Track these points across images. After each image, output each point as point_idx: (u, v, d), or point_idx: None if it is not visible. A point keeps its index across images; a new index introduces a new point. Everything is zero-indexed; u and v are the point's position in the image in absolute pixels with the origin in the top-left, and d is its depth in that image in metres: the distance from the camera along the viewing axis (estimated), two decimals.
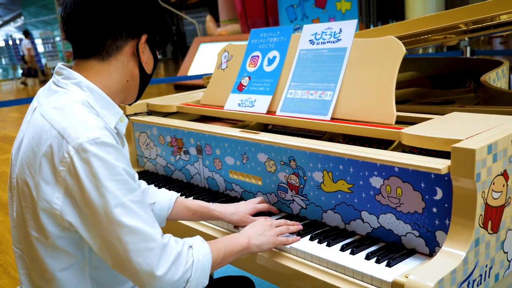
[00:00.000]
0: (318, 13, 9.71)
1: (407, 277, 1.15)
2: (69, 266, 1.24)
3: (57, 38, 19.27)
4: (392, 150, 1.51)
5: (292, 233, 1.48)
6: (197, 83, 9.39)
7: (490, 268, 1.27)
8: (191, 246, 1.22)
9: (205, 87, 2.82)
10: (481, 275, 1.24)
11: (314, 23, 9.82)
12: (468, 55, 4.84)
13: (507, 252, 1.32)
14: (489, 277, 1.27)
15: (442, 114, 1.58)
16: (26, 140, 1.21)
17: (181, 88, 10.23)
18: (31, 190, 1.18)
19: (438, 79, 2.73)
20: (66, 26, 1.26)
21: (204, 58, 10.85)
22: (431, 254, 1.30)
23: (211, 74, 2.75)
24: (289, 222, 1.51)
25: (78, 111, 1.18)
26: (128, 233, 1.12)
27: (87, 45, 1.25)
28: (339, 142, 1.73)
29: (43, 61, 18.70)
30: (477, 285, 1.23)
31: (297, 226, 1.50)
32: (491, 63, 2.66)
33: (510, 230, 1.31)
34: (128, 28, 1.25)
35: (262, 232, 1.41)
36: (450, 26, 1.58)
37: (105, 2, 1.21)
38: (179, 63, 18.63)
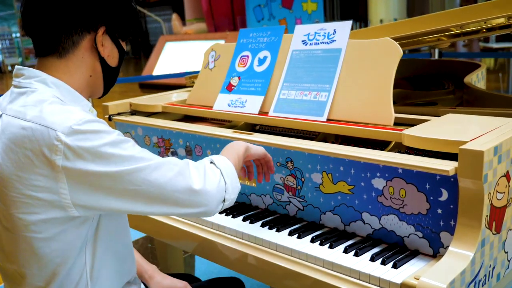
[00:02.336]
0: (284, 14, 9.76)
1: (417, 279, 1.16)
2: (70, 257, 1.20)
3: (16, 35, 18.73)
4: (389, 151, 1.51)
5: None
6: (164, 83, 9.29)
7: (493, 268, 1.29)
8: (211, 161, 1.30)
9: (187, 86, 2.79)
10: (485, 275, 1.25)
11: (281, 24, 9.89)
12: (436, 57, 4.92)
13: (507, 252, 1.34)
14: (492, 277, 1.29)
15: (435, 115, 1.59)
16: (1, 149, 1.14)
17: (146, 87, 10.10)
18: (29, 192, 1.11)
19: (415, 80, 2.76)
20: (24, 22, 1.23)
21: (170, 57, 10.73)
22: (435, 255, 1.31)
23: (194, 73, 2.74)
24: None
25: (52, 104, 1.15)
26: (152, 171, 1.15)
27: (44, 42, 1.23)
28: (332, 143, 1.72)
29: (0, 57, 18.16)
30: (482, 285, 1.25)
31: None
32: (468, 65, 2.72)
33: (511, 230, 1.33)
34: (82, 22, 1.22)
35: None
36: (445, 28, 1.59)
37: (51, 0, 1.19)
38: (141, 62, 18.38)
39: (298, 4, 9.91)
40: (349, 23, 1.71)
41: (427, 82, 2.73)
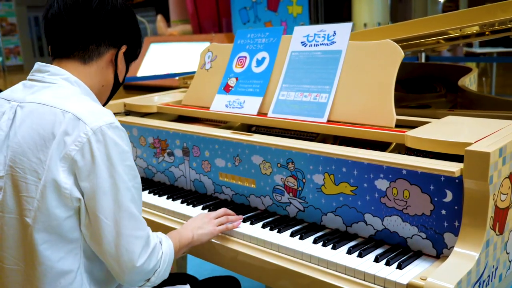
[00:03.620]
0: (270, 16, 9.77)
1: (423, 280, 1.16)
2: (66, 254, 1.22)
3: None
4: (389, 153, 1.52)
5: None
6: (148, 84, 9.23)
7: (496, 269, 1.30)
8: (160, 240, 1.31)
9: (177, 87, 2.78)
10: (489, 276, 1.26)
11: (267, 26, 9.91)
12: (423, 60, 4.98)
13: (509, 253, 1.36)
14: (495, 277, 1.30)
15: (433, 118, 1.61)
16: (25, 132, 1.20)
17: (130, 88, 10.01)
18: (39, 175, 1.16)
19: (407, 83, 2.78)
20: (49, 26, 1.31)
21: (154, 59, 10.66)
22: (438, 256, 1.32)
23: (187, 74, 2.73)
24: (229, 211, 1.61)
25: (84, 100, 1.25)
26: (127, 217, 1.19)
27: (70, 46, 1.31)
28: (331, 144, 1.73)
29: None
30: (486, 286, 1.26)
31: (236, 216, 1.60)
32: (459, 69, 2.74)
33: None
34: (112, 37, 1.34)
35: (202, 225, 1.52)
36: (444, 31, 1.61)
37: (94, 11, 1.29)
38: None
39: (284, 7, 9.94)
40: (349, 25, 1.71)
41: (418, 86, 2.75)
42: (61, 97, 1.23)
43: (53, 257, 1.20)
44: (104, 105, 1.44)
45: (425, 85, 2.74)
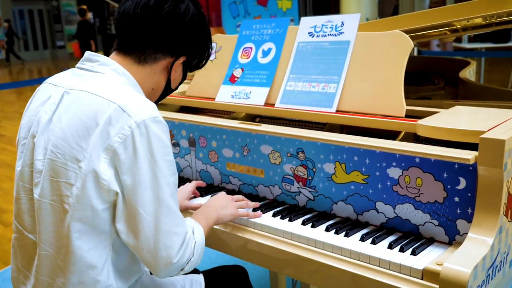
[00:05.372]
0: (260, 11, 9.80)
1: (439, 265, 1.18)
2: (95, 245, 1.22)
3: None
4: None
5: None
6: None
7: (507, 255, 1.32)
8: (192, 230, 1.30)
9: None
10: (501, 261, 1.29)
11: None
12: (415, 54, 5.02)
13: None
14: (506, 263, 1.33)
15: (439, 108, 1.62)
16: (69, 118, 1.19)
17: None
18: (79, 162, 1.16)
19: (404, 76, 2.80)
20: (119, 21, 1.31)
21: None
22: (450, 243, 1.34)
23: None
24: (246, 199, 1.63)
25: (130, 91, 1.23)
26: (167, 213, 1.18)
27: (129, 44, 1.31)
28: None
29: None
30: (498, 271, 1.28)
31: (255, 203, 1.62)
32: (457, 62, 2.78)
33: None
34: (171, 47, 1.32)
35: (226, 205, 1.53)
36: (453, 21, 1.63)
37: (160, 17, 1.27)
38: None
39: (273, 2, 9.96)
40: (357, 16, 1.73)
41: (416, 78, 2.78)
42: (108, 87, 1.22)
43: (83, 246, 1.20)
44: None
45: (423, 78, 2.76)
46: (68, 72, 1.33)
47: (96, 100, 1.18)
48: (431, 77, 2.74)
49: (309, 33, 1.83)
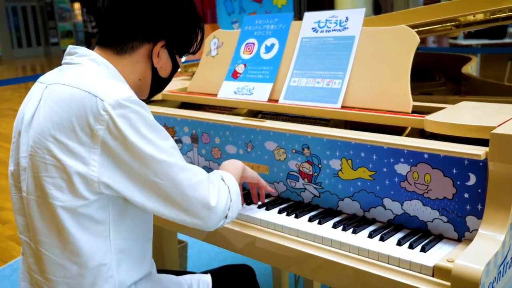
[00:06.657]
0: (255, 7, 9.74)
1: (450, 262, 1.17)
2: (95, 235, 1.21)
3: None
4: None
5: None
6: None
7: None
8: (222, 177, 1.33)
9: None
10: (511, 258, 1.28)
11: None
12: None
13: None
14: None
15: (445, 104, 1.61)
16: (45, 111, 1.20)
17: None
18: (60, 156, 1.15)
19: None
20: (95, 16, 1.33)
21: None
22: (460, 239, 1.33)
23: (191, 62, 2.69)
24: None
25: (102, 78, 1.22)
26: (179, 171, 1.19)
27: (105, 37, 1.31)
28: None
29: None
30: (509, 268, 1.27)
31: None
32: (458, 59, 2.77)
33: None
34: (145, 32, 1.30)
35: (244, 165, 1.55)
36: (459, 16, 1.61)
37: (126, 7, 1.27)
38: None
39: None
40: (362, 11, 1.71)
41: (417, 74, 2.77)
42: (79, 76, 1.22)
43: (82, 238, 1.19)
44: (149, 98, 1.44)
45: (423, 74, 2.75)
46: (56, 69, 1.33)
47: (68, 91, 1.18)
48: (432, 73, 2.73)
49: (312, 28, 1.81)
